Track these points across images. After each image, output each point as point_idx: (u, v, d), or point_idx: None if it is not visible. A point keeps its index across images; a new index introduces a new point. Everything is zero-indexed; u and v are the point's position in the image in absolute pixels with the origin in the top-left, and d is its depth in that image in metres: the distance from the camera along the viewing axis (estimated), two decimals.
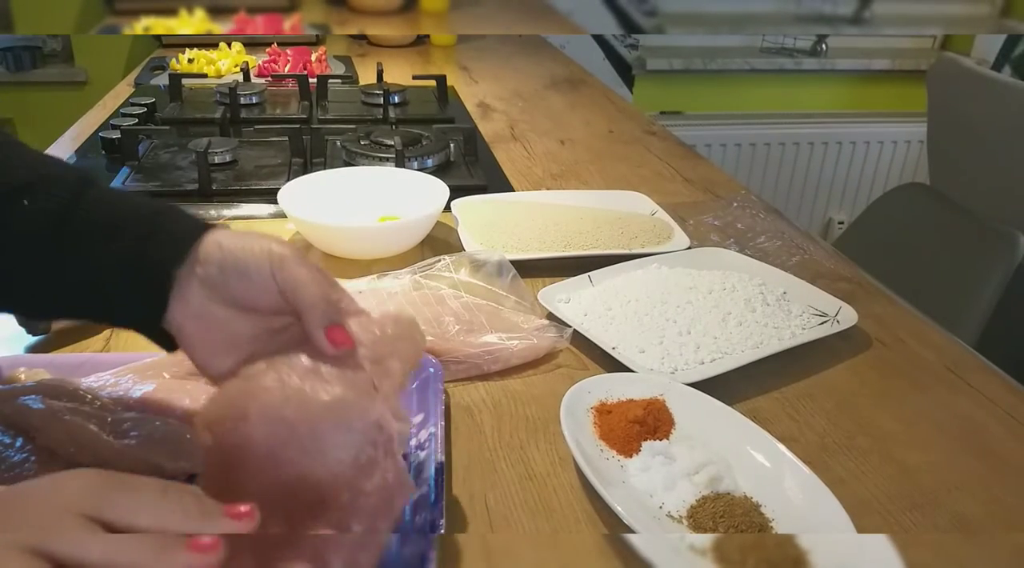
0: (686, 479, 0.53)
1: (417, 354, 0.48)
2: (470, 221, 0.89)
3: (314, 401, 0.41)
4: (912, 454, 0.59)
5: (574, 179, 1.13)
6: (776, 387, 0.66)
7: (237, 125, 1.27)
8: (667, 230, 0.91)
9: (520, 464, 0.56)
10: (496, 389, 0.64)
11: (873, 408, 0.64)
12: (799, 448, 0.56)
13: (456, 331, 0.68)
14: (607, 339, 0.68)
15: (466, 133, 1.15)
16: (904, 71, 2.52)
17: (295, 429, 0.41)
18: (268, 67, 1.58)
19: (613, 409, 0.58)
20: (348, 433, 0.41)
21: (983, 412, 0.64)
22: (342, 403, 0.41)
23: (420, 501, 0.49)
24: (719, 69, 2.43)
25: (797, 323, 0.72)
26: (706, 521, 0.50)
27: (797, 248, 0.93)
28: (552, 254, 0.84)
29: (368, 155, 1.06)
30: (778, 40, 2.50)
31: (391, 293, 0.73)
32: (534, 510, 0.52)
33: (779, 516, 0.50)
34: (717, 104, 2.51)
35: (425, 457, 0.53)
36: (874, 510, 0.53)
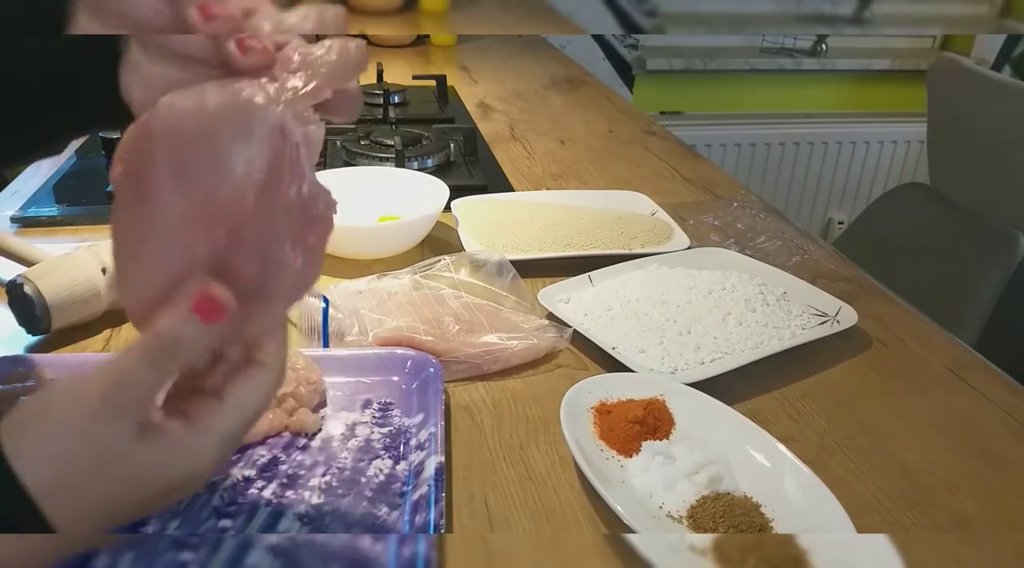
0: (686, 479, 0.53)
1: (347, 67, 0.43)
2: (470, 221, 0.89)
3: (210, 111, 0.37)
4: (912, 454, 0.59)
5: (574, 179, 1.13)
6: (776, 387, 0.66)
7: None
8: (667, 230, 0.91)
9: (520, 464, 0.56)
10: (496, 389, 0.64)
11: (873, 408, 0.64)
12: (799, 448, 0.56)
13: (456, 331, 0.68)
14: (607, 339, 0.69)
15: (466, 133, 1.15)
16: (904, 71, 2.52)
17: (194, 142, 0.36)
18: None
19: (613, 409, 0.58)
20: (247, 142, 0.37)
21: (983, 412, 0.64)
22: (237, 109, 0.37)
23: (420, 501, 0.49)
24: (719, 69, 2.43)
25: (797, 323, 0.72)
26: (706, 521, 0.50)
27: (797, 248, 0.93)
28: (552, 254, 0.84)
29: (368, 155, 1.06)
30: (778, 40, 2.50)
31: (391, 293, 0.73)
32: (534, 510, 0.52)
33: (779, 516, 0.50)
34: (717, 104, 2.51)
35: (425, 457, 0.53)
36: (874, 510, 0.53)
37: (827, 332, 0.71)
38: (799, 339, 0.70)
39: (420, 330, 0.67)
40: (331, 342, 0.67)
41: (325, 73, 0.42)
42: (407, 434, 0.56)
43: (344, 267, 0.82)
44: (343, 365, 0.62)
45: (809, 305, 0.75)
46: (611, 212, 0.95)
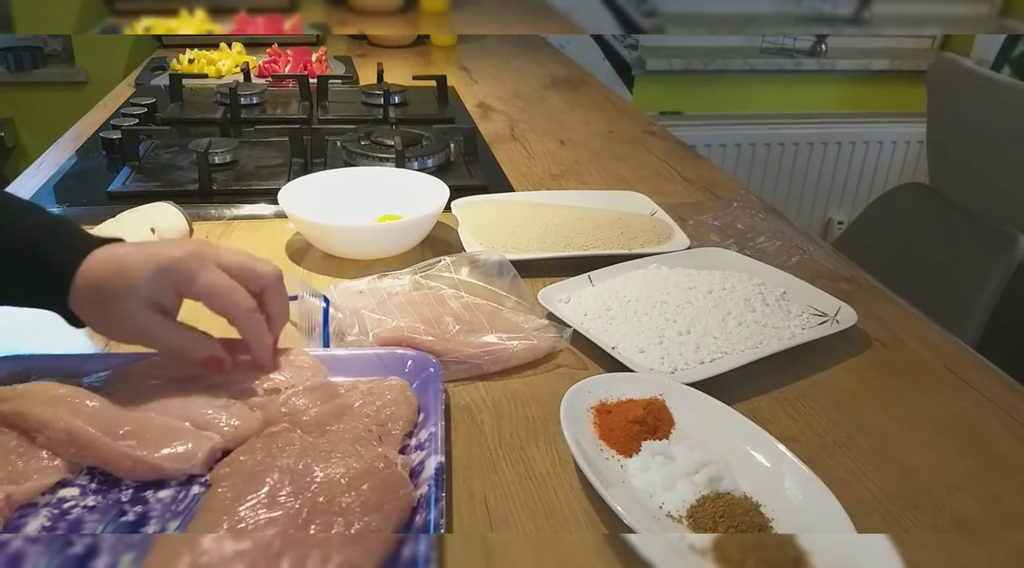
0: (686, 479, 0.53)
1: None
2: (470, 221, 0.89)
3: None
4: (912, 454, 0.59)
5: (574, 179, 1.13)
6: (776, 387, 0.66)
7: (237, 125, 1.27)
8: (667, 230, 0.91)
9: (520, 464, 0.56)
10: (496, 389, 0.64)
11: (873, 408, 0.64)
12: (799, 448, 0.56)
13: (456, 331, 0.68)
14: (607, 339, 0.69)
15: (466, 133, 1.15)
16: (904, 71, 2.52)
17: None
18: (268, 67, 1.58)
19: (613, 409, 0.58)
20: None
21: (983, 412, 0.64)
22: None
23: (420, 501, 0.49)
24: (719, 69, 2.43)
25: (797, 323, 0.72)
26: (706, 521, 0.50)
27: (797, 248, 0.93)
28: (552, 254, 0.84)
29: (368, 155, 1.06)
30: (778, 40, 2.50)
31: (391, 293, 0.73)
32: (534, 510, 0.52)
33: (779, 516, 0.50)
34: (717, 104, 2.51)
35: (425, 457, 0.53)
36: (874, 510, 0.53)
37: (827, 332, 0.71)
38: (799, 339, 0.70)
39: (420, 330, 0.67)
40: (331, 342, 0.67)
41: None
42: (407, 434, 0.56)
43: (344, 267, 0.82)
44: (343, 365, 0.63)
45: (809, 305, 0.75)
46: (611, 212, 0.95)
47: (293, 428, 0.54)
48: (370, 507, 0.47)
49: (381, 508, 0.47)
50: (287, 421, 0.55)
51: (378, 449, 0.53)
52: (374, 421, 0.56)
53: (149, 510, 0.50)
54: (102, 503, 0.50)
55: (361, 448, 0.52)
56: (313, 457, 0.51)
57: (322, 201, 0.89)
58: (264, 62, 1.60)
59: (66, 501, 0.50)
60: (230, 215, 0.95)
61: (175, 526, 0.48)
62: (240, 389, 0.59)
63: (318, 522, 0.46)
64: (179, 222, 0.80)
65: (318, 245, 0.86)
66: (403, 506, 0.48)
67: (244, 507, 0.47)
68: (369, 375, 0.62)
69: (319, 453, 0.52)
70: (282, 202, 0.84)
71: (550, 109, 1.48)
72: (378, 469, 0.50)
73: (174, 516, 0.49)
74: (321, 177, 0.93)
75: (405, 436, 0.56)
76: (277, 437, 0.54)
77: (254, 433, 0.55)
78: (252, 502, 0.48)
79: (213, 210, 0.96)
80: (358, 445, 0.53)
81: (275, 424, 0.55)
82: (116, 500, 0.50)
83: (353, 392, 0.59)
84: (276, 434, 0.54)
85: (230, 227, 0.92)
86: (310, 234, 0.85)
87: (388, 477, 0.50)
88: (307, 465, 0.51)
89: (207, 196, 0.99)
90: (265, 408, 0.57)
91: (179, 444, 0.53)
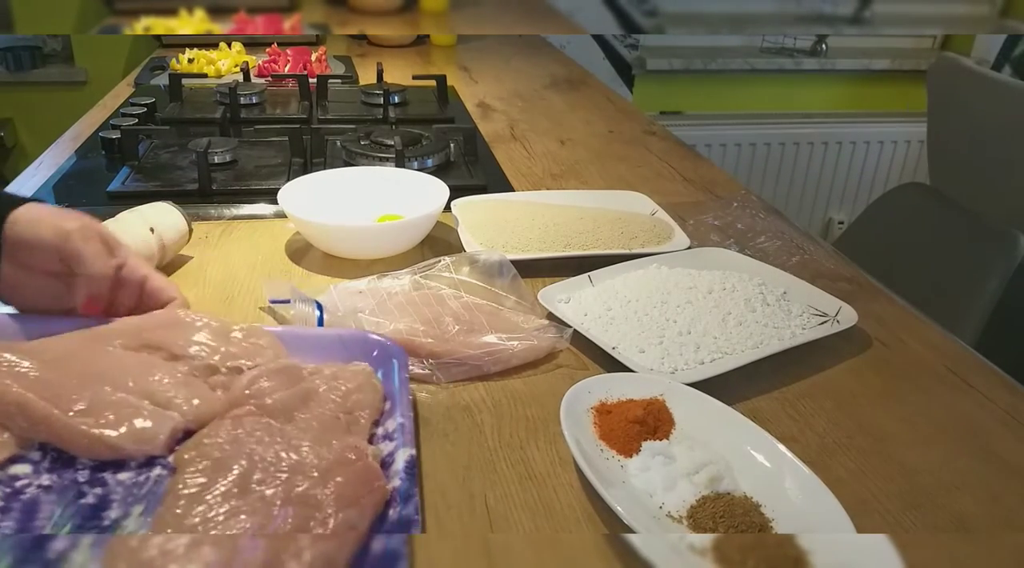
0: (686, 479, 0.53)
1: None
2: (470, 221, 0.89)
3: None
4: (912, 454, 0.59)
5: (574, 179, 1.13)
6: (776, 387, 0.66)
7: (237, 125, 1.27)
8: (667, 230, 0.91)
9: (520, 464, 0.56)
10: (496, 389, 0.64)
11: (873, 408, 0.64)
12: (799, 448, 0.56)
13: (456, 331, 0.68)
14: (607, 339, 0.68)
15: (466, 133, 1.15)
16: (904, 71, 2.52)
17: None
18: (268, 67, 1.58)
19: (613, 409, 0.58)
20: None
21: (983, 412, 0.64)
22: None
23: (393, 494, 0.49)
24: (719, 69, 2.43)
25: (797, 323, 0.72)
26: (706, 521, 0.50)
27: (797, 248, 0.93)
28: (552, 254, 0.84)
29: (368, 155, 1.06)
30: (778, 40, 2.50)
31: (391, 293, 0.73)
32: (534, 510, 0.52)
33: (779, 516, 0.50)
34: (717, 104, 2.51)
35: (395, 449, 0.52)
36: (874, 510, 0.53)
37: (827, 332, 0.71)
38: (799, 339, 0.69)
39: (420, 331, 0.67)
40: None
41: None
42: (374, 423, 0.56)
43: (344, 267, 0.82)
44: (304, 344, 0.62)
45: (809, 305, 0.75)
46: (611, 212, 0.95)
47: (259, 412, 0.53)
48: (346, 501, 0.46)
49: (358, 502, 0.47)
50: (252, 404, 0.54)
51: (348, 439, 0.52)
52: (341, 408, 0.55)
53: (110, 493, 0.48)
54: (58, 483, 0.49)
55: (331, 437, 0.51)
56: (283, 444, 0.50)
57: (322, 201, 0.89)
58: (264, 62, 1.60)
59: (18, 479, 0.49)
60: (230, 215, 0.95)
61: (139, 511, 0.47)
62: (200, 365, 0.58)
63: (293, 514, 0.45)
64: (179, 222, 0.80)
65: (318, 245, 0.86)
66: (377, 499, 0.48)
67: (214, 495, 0.46)
68: (331, 357, 0.61)
69: (288, 440, 0.51)
70: (282, 202, 0.84)
71: (550, 109, 1.48)
72: (350, 460, 0.49)
73: (137, 500, 0.48)
74: (321, 177, 0.93)
75: (372, 425, 0.55)
76: (243, 421, 0.52)
77: (217, 414, 0.54)
78: (223, 490, 0.46)
79: (213, 210, 0.96)
80: (327, 434, 0.52)
81: (239, 406, 0.54)
82: (73, 480, 0.49)
83: (317, 375, 0.58)
84: (242, 418, 0.52)
85: (230, 227, 0.92)
86: (310, 234, 0.85)
87: (361, 469, 0.49)
88: (277, 454, 0.49)
89: (207, 196, 0.99)
90: (227, 388, 0.56)
91: (139, 422, 0.51)
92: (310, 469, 0.49)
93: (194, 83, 1.46)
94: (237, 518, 0.45)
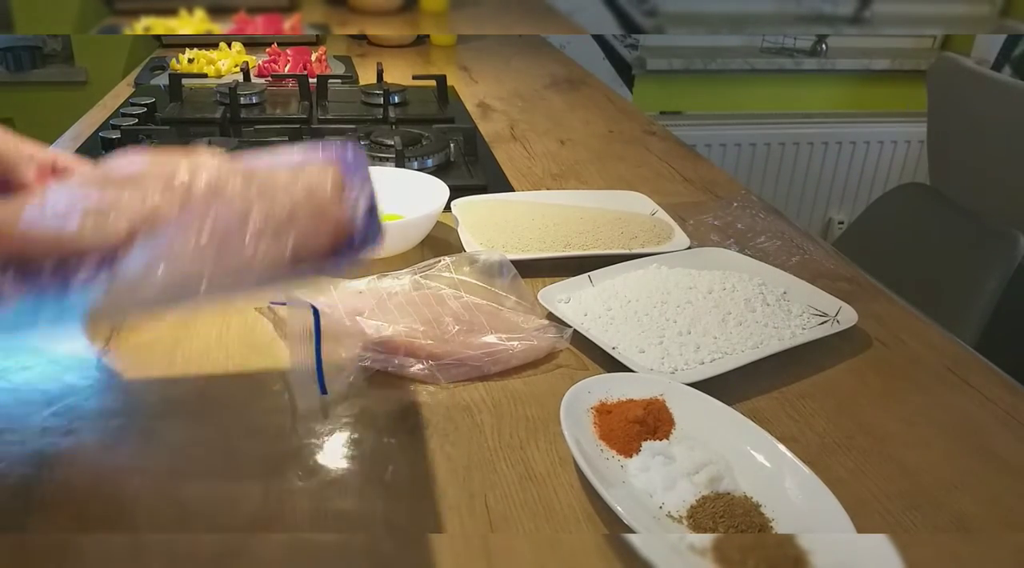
0: (686, 479, 0.53)
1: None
2: (470, 221, 0.89)
3: None
4: (912, 454, 0.59)
5: (574, 179, 1.13)
6: (776, 387, 0.66)
7: (237, 125, 1.27)
8: (667, 230, 0.91)
9: (520, 464, 0.56)
10: (496, 389, 0.64)
11: (873, 408, 0.64)
12: (799, 448, 0.56)
13: (456, 331, 0.68)
14: (607, 339, 0.69)
15: (466, 133, 1.15)
16: (904, 71, 2.52)
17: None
18: (268, 67, 1.58)
19: (613, 409, 0.58)
20: None
21: (983, 412, 0.64)
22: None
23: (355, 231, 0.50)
24: (719, 69, 2.43)
25: (797, 323, 0.72)
26: (706, 521, 0.50)
27: (797, 248, 0.93)
28: (552, 254, 0.84)
29: (368, 155, 1.06)
30: (778, 40, 2.50)
31: (391, 293, 0.73)
32: (534, 510, 0.52)
33: (779, 516, 0.50)
34: (717, 104, 2.51)
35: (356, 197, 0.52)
36: (874, 510, 0.53)
37: (827, 332, 0.71)
38: (799, 339, 0.70)
39: (419, 332, 0.67)
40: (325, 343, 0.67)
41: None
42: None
43: None
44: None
45: (809, 305, 0.75)
46: (611, 212, 0.95)
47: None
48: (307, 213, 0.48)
49: (323, 214, 0.49)
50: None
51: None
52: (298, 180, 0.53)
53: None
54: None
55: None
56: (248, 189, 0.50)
57: None
58: (264, 62, 1.60)
59: None
60: None
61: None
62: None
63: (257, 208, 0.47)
64: None
65: None
66: (340, 217, 0.49)
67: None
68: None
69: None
70: None
71: (550, 109, 1.48)
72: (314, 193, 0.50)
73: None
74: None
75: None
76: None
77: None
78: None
79: None
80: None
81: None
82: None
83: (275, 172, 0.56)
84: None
85: None
86: None
87: (322, 201, 0.50)
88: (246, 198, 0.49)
89: None
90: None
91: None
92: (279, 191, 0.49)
93: (194, 83, 1.46)
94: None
